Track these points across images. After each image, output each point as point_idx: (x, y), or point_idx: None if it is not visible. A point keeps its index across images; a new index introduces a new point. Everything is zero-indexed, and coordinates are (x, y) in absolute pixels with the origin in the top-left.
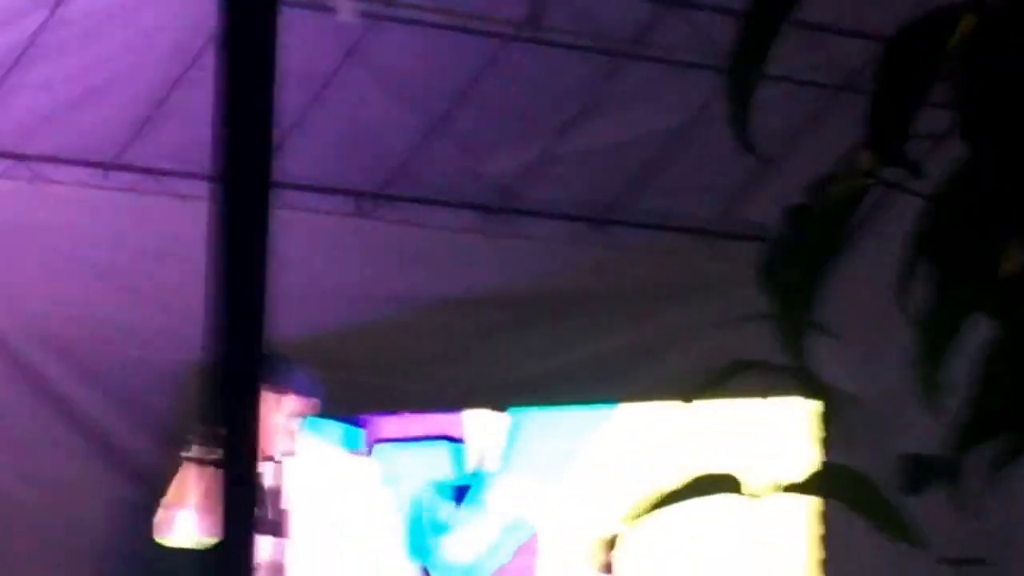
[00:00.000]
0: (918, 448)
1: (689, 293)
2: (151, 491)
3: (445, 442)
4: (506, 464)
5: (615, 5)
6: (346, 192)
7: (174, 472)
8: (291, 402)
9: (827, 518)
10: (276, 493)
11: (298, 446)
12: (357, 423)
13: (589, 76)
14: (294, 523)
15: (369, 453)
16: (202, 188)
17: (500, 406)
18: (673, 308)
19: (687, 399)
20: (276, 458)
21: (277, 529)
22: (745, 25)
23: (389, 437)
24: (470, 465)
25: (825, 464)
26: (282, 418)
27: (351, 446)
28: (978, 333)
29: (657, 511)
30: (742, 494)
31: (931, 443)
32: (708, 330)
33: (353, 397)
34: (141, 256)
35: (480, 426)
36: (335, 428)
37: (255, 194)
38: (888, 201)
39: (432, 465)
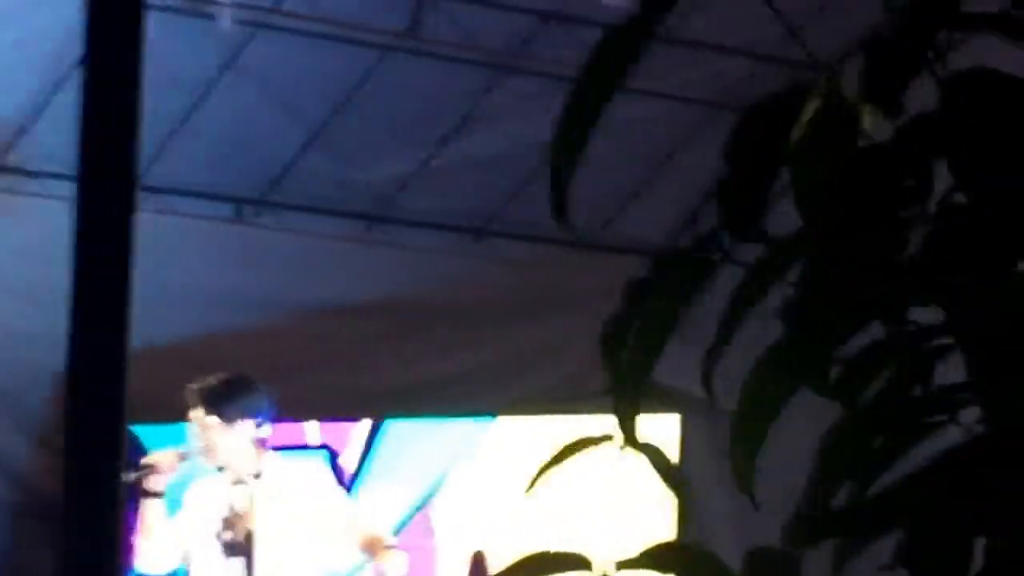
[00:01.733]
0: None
1: (565, 305)
2: (28, 493)
3: (323, 451)
4: (380, 474)
5: (495, 18)
6: (225, 198)
7: (50, 474)
8: (253, 424)
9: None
10: (244, 515)
11: (263, 467)
12: None
13: (469, 87)
14: (261, 544)
15: None
16: None
17: (376, 416)
18: (549, 320)
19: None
20: (243, 480)
21: (246, 551)
22: (571, 99)
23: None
24: (346, 474)
25: (675, 541)
26: (246, 440)
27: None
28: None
29: None
30: (591, 571)
31: (802, 457)
32: (583, 342)
33: None
34: (21, 257)
35: (356, 436)
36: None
37: (115, 198)
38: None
39: None
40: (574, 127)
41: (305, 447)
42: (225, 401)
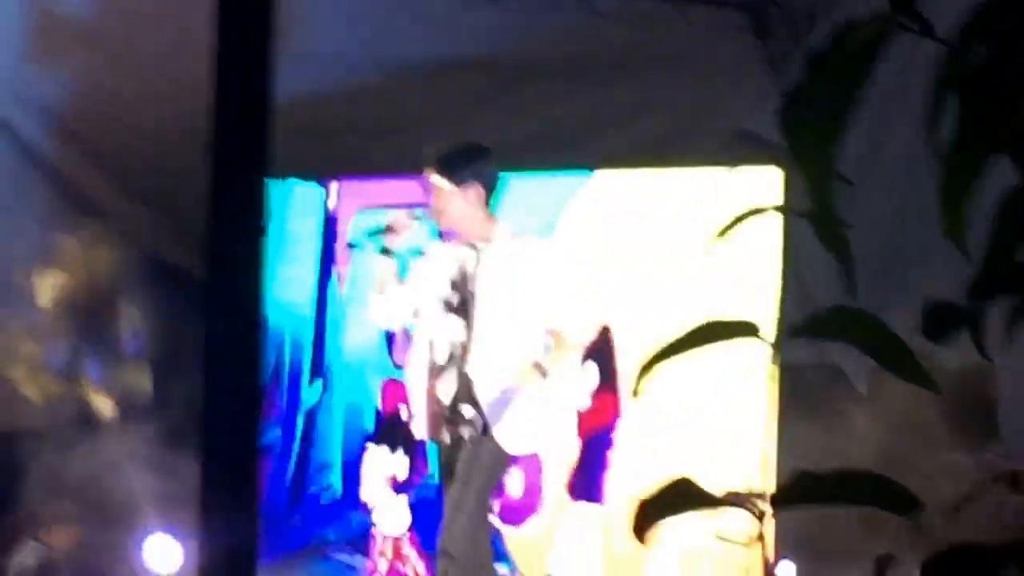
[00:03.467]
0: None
1: (663, 59)
2: (133, 251)
3: (422, 208)
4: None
5: None
6: None
7: (152, 231)
8: (486, 191)
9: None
10: (468, 278)
11: (493, 234)
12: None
13: None
14: (481, 307)
15: (349, 218)
16: None
17: None
18: (648, 74)
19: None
20: (471, 245)
21: (465, 312)
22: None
23: (370, 203)
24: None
25: (837, 306)
26: (474, 206)
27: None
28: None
29: (670, 359)
30: (758, 338)
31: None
32: (682, 95)
33: (331, 160)
34: (125, 19)
35: None
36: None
37: None
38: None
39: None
40: None
41: (412, 205)
42: (460, 167)
